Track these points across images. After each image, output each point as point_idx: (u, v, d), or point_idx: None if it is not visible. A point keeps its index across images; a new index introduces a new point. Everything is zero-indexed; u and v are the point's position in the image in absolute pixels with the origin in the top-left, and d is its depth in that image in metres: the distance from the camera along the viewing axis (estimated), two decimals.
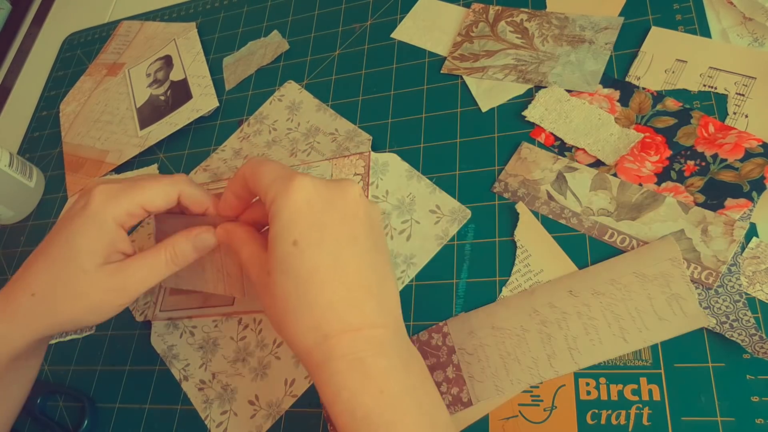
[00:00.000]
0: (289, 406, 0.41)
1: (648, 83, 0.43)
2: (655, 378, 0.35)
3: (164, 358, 0.46)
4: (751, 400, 0.32)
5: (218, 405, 0.43)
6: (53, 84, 0.71)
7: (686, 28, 0.45)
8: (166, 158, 0.57)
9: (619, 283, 0.37)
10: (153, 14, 0.70)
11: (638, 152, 0.41)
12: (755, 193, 0.37)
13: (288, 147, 0.51)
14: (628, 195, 0.40)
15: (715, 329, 0.34)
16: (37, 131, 0.68)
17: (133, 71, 0.65)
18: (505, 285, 0.40)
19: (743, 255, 0.36)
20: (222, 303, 0.46)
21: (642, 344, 0.35)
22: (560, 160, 0.43)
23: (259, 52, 0.59)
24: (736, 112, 0.40)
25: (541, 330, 0.37)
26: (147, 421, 0.44)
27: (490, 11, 0.52)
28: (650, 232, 0.38)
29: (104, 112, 0.63)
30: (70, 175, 0.61)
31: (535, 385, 0.36)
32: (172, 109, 0.59)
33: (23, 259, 0.57)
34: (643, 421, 0.34)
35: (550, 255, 0.40)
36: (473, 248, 0.42)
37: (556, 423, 0.35)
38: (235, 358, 0.44)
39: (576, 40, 0.47)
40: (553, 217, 0.41)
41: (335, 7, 0.59)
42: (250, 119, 0.55)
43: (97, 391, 0.47)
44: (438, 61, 0.51)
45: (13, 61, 0.78)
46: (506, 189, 0.43)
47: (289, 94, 0.55)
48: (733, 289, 0.35)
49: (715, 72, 0.42)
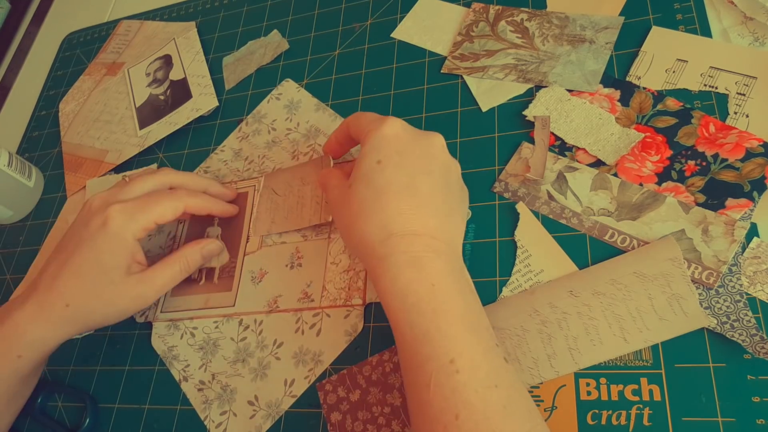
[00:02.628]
0: (289, 407, 0.41)
1: (648, 83, 0.43)
2: (656, 378, 0.34)
3: (164, 358, 0.46)
4: (752, 401, 0.32)
5: (218, 405, 0.42)
6: (52, 83, 0.71)
7: (687, 28, 0.44)
8: (165, 158, 0.57)
9: (619, 283, 0.37)
10: (152, 14, 0.70)
11: (639, 152, 0.41)
12: (756, 193, 0.37)
13: (289, 149, 0.51)
14: (628, 195, 0.40)
15: (715, 329, 0.34)
16: (36, 131, 0.68)
17: (132, 71, 0.65)
18: (505, 285, 0.40)
19: (744, 255, 0.36)
20: (223, 304, 0.46)
21: (642, 344, 0.35)
22: (561, 160, 0.43)
23: (259, 52, 0.59)
24: (737, 112, 0.40)
25: (542, 330, 0.37)
26: (146, 421, 0.44)
27: (491, 11, 0.52)
28: (651, 232, 0.38)
29: (103, 111, 0.63)
30: (70, 174, 0.61)
31: (535, 386, 0.36)
32: (172, 109, 0.59)
33: (22, 258, 0.57)
34: (643, 421, 0.34)
35: (550, 255, 0.40)
36: (473, 248, 0.42)
37: (557, 423, 0.35)
38: (235, 358, 0.44)
39: (576, 39, 0.47)
40: (554, 217, 0.41)
41: (335, 7, 0.59)
42: (248, 118, 0.55)
43: (97, 391, 0.47)
44: (438, 60, 0.51)
45: (12, 60, 0.78)
46: (506, 189, 0.43)
47: (286, 92, 0.55)
48: (733, 289, 0.35)
49: (716, 72, 0.42)
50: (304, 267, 0.45)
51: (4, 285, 0.57)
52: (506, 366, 0.32)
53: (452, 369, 0.30)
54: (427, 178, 0.36)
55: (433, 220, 0.35)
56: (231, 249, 0.48)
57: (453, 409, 0.30)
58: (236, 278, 0.47)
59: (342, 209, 0.38)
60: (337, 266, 0.44)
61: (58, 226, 0.58)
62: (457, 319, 0.32)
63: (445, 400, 0.30)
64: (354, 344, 0.41)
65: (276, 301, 0.44)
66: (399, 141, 0.37)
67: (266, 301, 0.45)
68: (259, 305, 0.45)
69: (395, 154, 0.36)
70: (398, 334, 0.33)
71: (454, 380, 0.30)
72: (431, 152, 0.37)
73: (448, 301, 0.32)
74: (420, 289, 0.33)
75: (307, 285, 0.44)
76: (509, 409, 0.30)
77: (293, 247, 0.46)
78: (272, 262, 0.46)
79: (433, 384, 0.30)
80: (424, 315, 0.32)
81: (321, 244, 0.45)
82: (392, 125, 0.37)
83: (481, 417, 0.29)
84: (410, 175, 0.36)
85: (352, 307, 0.42)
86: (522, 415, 0.30)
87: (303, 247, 0.46)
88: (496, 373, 0.31)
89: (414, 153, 0.37)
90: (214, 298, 0.46)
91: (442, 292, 0.33)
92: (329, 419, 0.39)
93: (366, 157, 0.37)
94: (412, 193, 0.35)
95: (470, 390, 0.30)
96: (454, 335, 0.31)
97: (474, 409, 0.29)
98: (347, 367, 0.40)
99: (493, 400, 0.30)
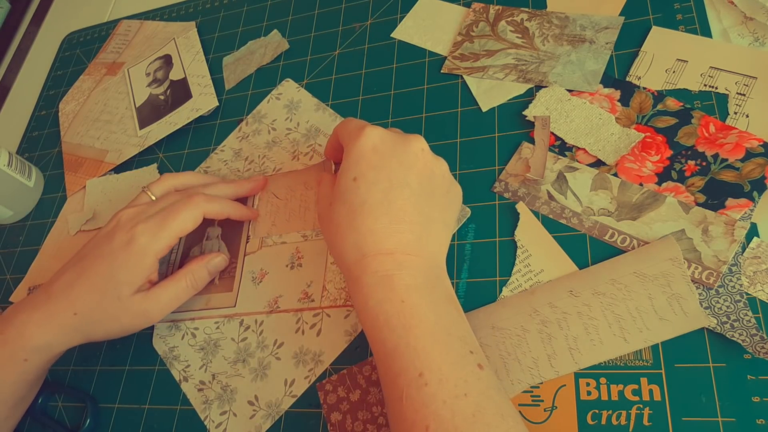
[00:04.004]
0: (289, 407, 0.41)
1: (649, 83, 0.43)
2: (656, 378, 0.34)
3: (165, 359, 0.46)
4: (752, 401, 0.32)
5: (218, 405, 0.42)
6: (52, 83, 0.71)
7: (687, 28, 0.44)
8: (165, 158, 0.57)
9: (619, 283, 0.37)
10: (152, 13, 0.70)
11: (639, 152, 0.41)
12: (756, 193, 0.37)
13: (289, 149, 0.51)
14: (628, 195, 0.40)
15: (715, 329, 0.34)
16: (36, 131, 0.68)
17: (132, 70, 0.65)
18: (505, 285, 0.40)
19: (744, 255, 0.36)
20: (224, 305, 0.46)
21: (643, 344, 0.35)
22: (561, 160, 0.43)
23: (259, 52, 0.59)
24: (737, 112, 0.40)
25: (542, 330, 0.37)
26: (146, 421, 0.44)
27: (491, 11, 0.52)
28: (651, 232, 0.38)
29: (103, 111, 0.63)
30: (69, 174, 0.61)
31: (535, 386, 0.36)
32: (172, 109, 0.59)
33: (22, 258, 0.57)
34: (643, 421, 0.34)
35: (550, 255, 0.40)
36: (473, 248, 0.42)
37: (557, 423, 0.35)
38: (236, 359, 0.44)
39: (576, 39, 0.47)
40: (554, 217, 0.41)
41: (335, 7, 0.59)
42: (248, 118, 0.55)
43: (97, 391, 0.47)
44: (438, 60, 0.51)
45: (12, 60, 0.78)
46: (506, 189, 0.43)
47: (287, 92, 0.55)
48: (733, 289, 0.35)
49: (716, 72, 0.42)
50: (305, 267, 0.45)
51: (4, 285, 0.57)
52: (478, 373, 0.32)
53: (421, 382, 0.31)
54: (403, 190, 0.36)
55: (407, 235, 0.35)
56: (231, 249, 0.48)
57: (423, 421, 0.30)
58: (237, 279, 0.47)
59: (324, 225, 0.39)
60: (337, 266, 0.44)
61: (58, 226, 0.58)
62: (426, 334, 0.33)
63: (416, 412, 0.31)
64: (354, 344, 0.41)
65: (276, 302, 0.44)
66: (375, 154, 0.37)
67: (267, 302, 0.45)
68: (260, 305, 0.45)
69: (370, 170, 0.36)
70: (374, 350, 0.34)
71: (423, 393, 0.31)
72: (409, 160, 0.37)
73: (417, 316, 0.33)
74: (390, 308, 0.33)
75: (308, 285, 0.44)
76: (478, 417, 0.30)
77: (293, 248, 0.46)
78: (273, 263, 0.46)
79: (405, 397, 0.31)
80: (394, 331, 0.33)
81: (321, 244, 0.45)
82: (369, 137, 0.37)
83: (450, 426, 0.30)
84: (385, 190, 0.36)
85: (353, 308, 0.42)
86: (492, 421, 0.30)
87: (303, 248, 0.46)
88: (465, 383, 0.31)
89: (390, 165, 0.36)
90: (215, 298, 0.47)
91: (411, 308, 0.33)
92: (329, 419, 0.39)
93: (343, 175, 0.37)
94: (385, 210, 0.35)
95: (439, 401, 0.30)
96: (422, 349, 0.32)
97: (443, 420, 0.30)
98: (347, 367, 0.40)
99: (461, 409, 0.30)
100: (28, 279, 0.56)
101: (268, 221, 0.48)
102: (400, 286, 0.34)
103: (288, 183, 0.49)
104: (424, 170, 0.37)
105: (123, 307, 0.41)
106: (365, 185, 0.36)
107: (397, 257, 0.35)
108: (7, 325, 0.41)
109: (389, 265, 0.34)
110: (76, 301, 0.41)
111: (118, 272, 0.41)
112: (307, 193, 0.47)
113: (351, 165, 0.37)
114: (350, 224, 0.36)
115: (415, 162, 0.37)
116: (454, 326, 0.34)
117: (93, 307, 0.41)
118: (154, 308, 0.42)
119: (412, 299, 0.33)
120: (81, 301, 0.41)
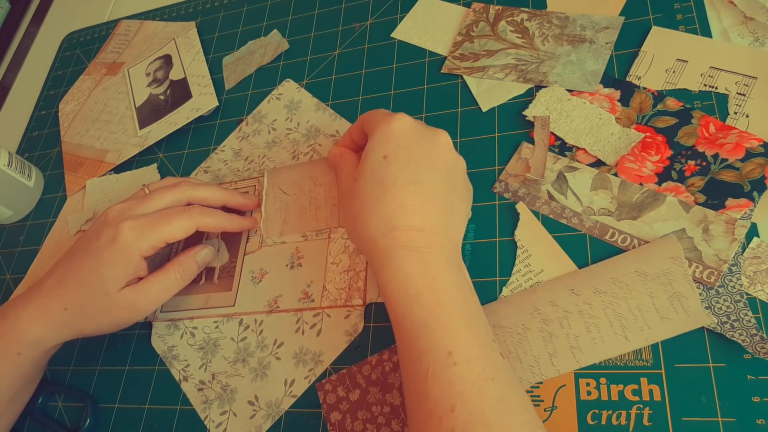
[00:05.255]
0: (289, 407, 0.41)
1: (649, 83, 0.43)
2: (656, 378, 0.34)
3: (164, 358, 0.46)
4: (752, 401, 0.32)
5: (218, 405, 0.42)
6: (52, 83, 0.71)
7: (687, 28, 0.44)
8: (165, 158, 0.57)
9: (620, 281, 0.37)
10: (152, 13, 0.70)
11: (639, 152, 0.41)
12: (756, 193, 0.37)
13: (289, 149, 0.51)
14: (628, 194, 0.40)
15: (715, 329, 0.34)
16: (36, 130, 0.68)
17: (132, 70, 0.65)
18: (505, 285, 0.40)
19: (744, 255, 0.36)
20: (223, 304, 0.46)
21: (644, 343, 0.35)
22: (561, 160, 0.43)
23: (259, 52, 0.59)
24: (737, 112, 0.40)
25: (543, 329, 0.37)
26: (146, 421, 0.44)
27: (491, 11, 0.52)
28: (651, 232, 0.38)
29: (103, 111, 0.63)
30: (69, 174, 0.61)
31: (535, 385, 0.36)
32: (172, 109, 0.59)
33: (22, 258, 0.57)
34: (643, 421, 0.34)
35: (550, 255, 0.40)
36: (473, 248, 0.42)
37: (557, 423, 0.35)
38: (235, 358, 0.44)
39: (576, 39, 0.47)
40: (554, 217, 0.41)
41: (335, 7, 0.59)
42: (248, 118, 0.55)
43: (97, 391, 0.47)
44: (438, 60, 0.51)
45: (12, 59, 0.78)
46: (506, 189, 0.43)
47: (287, 92, 0.55)
48: (733, 289, 0.35)
49: (716, 72, 0.42)
50: (305, 267, 0.45)
51: (4, 285, 0.57)
52: (502, 361, 0.32)
53: (449, 361, 0.31)
54: (432, 175, 0.37)
55: (436, 217, 0.36)
56: (231, 249, 0.48)
57: (449, 400, 0.30)
58: (236, 278, 0.47)
59: (348, 200, 0.39)
60: (337, 266, 0.44)
61: (58, 226, 0.58)
62: (456, 313, 0.32)
63: (441, 391, 0.30)
64: (354, 344, 0.41)
65: (276, 301, 0.44)
66: (406, 137, 0.37)
67: (266, 301, 0.45)
68: (260, 305, 0.45)
69: (402, 149, 0.37)
70: (397, 326, 0.34)
71: (451, 372, 0.31)
72: (437, 150, 0.38)
73: (448, 295, 0.33)
74: (420, 282, 0.33)
75: (308, 285, 0.44)
76: (505, 403, 0.30)
77: (293, 247, 0.46)
78: (272, 262, 0.46)
79: (430, 376, 0.31)
80: (424, 307, 0.33)
81: (321, 244, 0.45)
82: (400, 121, 0.38)
83: (476, 409, 0.30)
84: (415, 171, 0.36)
85: (353, 308, 0.42)
86: (517, 409, 0.30)
87: (303, 247, 0.46)
88: (493, 367, 0.31)
89: (420, 150, 0.37)
90: (214, 297, 0.46)
91: (443, 286, 0.33)
92: (329, 419, 0.39)
93: (373, 152, 0.38)
94: (417, 189, 0.36)
95: (467, 382, 0.30)
96: (452, 328, 0.32)
97: (470, 401, 0.30)
98: (347, 367, 0.40)
99: (489, 393, 0.30)
100: (28, 279, 0.56)
101: (279, 219, 0.47)
102: (432, 263, 0.34)
103: (294, 177, 0.48)
104: (450, 162, 0.38)
105: (112, 302, 0.41)
106: (397, 163, 0.36)
107: (428, 235, 0.35)
108: (1, 320, 0.42)
109: (421, 241, 0.35)
110: (66, 297, 0.41)
111: (104, 269, 0.41)
112: (316, 189, 0.47)
113: (381, 143, 0.38)
114: (380, 197, 0.36)
115: (442, 153, 0.38)
116: (479, 313, 0.34)
117: (82, 302, 0.41)
118: (144, 301, 0.42)
119: (444, 278, 0.34)
120: (70, 296, 0.41)
